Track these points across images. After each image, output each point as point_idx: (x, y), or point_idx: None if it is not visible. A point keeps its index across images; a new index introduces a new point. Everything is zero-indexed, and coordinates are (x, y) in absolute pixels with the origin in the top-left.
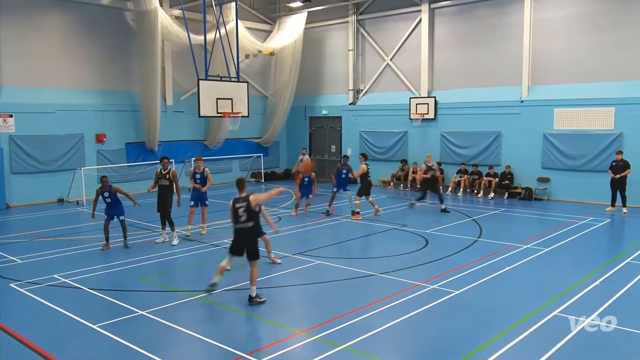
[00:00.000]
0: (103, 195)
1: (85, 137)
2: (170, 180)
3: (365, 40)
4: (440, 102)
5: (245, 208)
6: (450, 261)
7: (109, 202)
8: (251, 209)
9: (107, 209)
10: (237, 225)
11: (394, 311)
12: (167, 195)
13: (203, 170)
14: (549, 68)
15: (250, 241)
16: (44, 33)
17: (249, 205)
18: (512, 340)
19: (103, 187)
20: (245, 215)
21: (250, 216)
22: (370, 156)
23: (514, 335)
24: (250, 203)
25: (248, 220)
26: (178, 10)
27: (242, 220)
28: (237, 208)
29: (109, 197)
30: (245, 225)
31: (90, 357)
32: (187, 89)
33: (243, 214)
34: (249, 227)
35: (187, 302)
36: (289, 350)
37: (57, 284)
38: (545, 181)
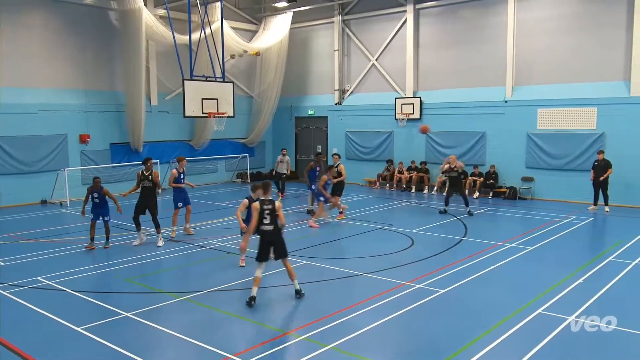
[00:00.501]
0: (93, 195)
1: (69, 138)
2: (154, 181)
3: (350, 41)
4: (425, 102)
5: (269, 211)
6: (435, 260)
7: (97, 202)
8: (275, 212)
9: (94, 209)
10: (261, 227)
11: (380, 310)
12: (150, 196)
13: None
14: (532, 69)
15: (276, 242)
16: (26, 32)
17: (274, 209)
18: (497, 338)
19: (95, 186)
20: (268, 218)
21: (272, 219)
22: (356, 156)
23: (499, 333)
24: (275, 207)
25: (271, 223)
26: (163, 9)
27: (265, 222)
28: (264, 209)
29: (97, 198)
30: (268, 227)
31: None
32: (172, 89)
33: (267, 217)
34: (271, 229)
35: (172, 304)
36: (276, 351)
37: (40, 286)
38: (529, 180)
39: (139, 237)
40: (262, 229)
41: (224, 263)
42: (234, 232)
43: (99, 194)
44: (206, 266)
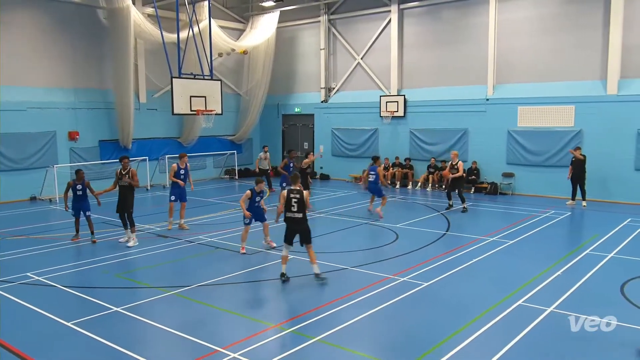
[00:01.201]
0: (75, 187)
1: (58, 135)
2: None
3: (336, 40)
4: (409, 100)
5: (297, 199)
6: (419, 254)
7: (80, 194)
8: (302, 201)
9: (75, 203)
10: (288, 214)
11: (365, 303)
12: (128, 195)
13: (186, 166)
14: (513, 68)
15: (302, 228)
16: (14, 30)
17: (302, 197)
18: (479, 330)
19: (78, 179)
20: (296, 206)
21: (300, 207)
22: (342, 153)
23: (481, 324)
24: (303, 196)
25: (298, 211)
26: (151, 8)
27: (293, 210)
28: (291, 198)
29: (80, 190)
30: (296, 215)
31: (65, 355)
32: (161, 87)
33: (295, 205)
34: (299, 217)
35: (162, 298)
36: (263, 344)
37: (30, 282)
38: (510, 176)
39: (126, 235)
40: (290, 216)
41: (212, 258)
42: (222, 227)
43: (83, 187)
44: (195, 261)
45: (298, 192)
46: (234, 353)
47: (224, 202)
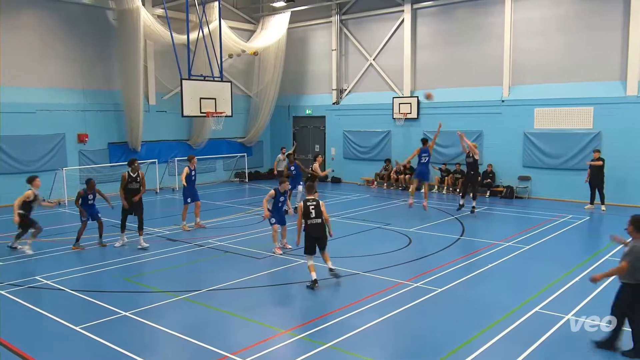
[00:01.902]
0: (87, 197)
1: (67, 137)
2: (141, 183)
3: (348, 40)
4: (422, 102)
5: (314, 206)
6: (433, 259)
7: (91, 203)
8: (320, 208)
9: (89, 210)
10: (308, 222)
11: (377, 309)
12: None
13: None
14: (529, 68)
15: (322, 234)
16: (24, 32)
17: (319, 204)
18: (495, 337)
19: (89, 188)
20: (314, 212)
21: (318, 214)
22: (353, 155)
23: (497, 331)
24: (319, 204)
25: (317, 217)
26: (160, 9)
27: (312, 216)
28: (309, 206)
29: (92, 199)
30: (316, 221)
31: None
32: (170, 89)
33: (313, 211)
34: (319, 222)
35: (171, 303)
36: (273, 350)
37: (38, 285)
38: (526, 180)
39: (121, 239)
40: (310, 223)
41: (222, 262)
42: (232, 231)
43: (93, 195)
44: (204, 265)
45: (315, 201)
46: (243, 359)
47: (234, 205)
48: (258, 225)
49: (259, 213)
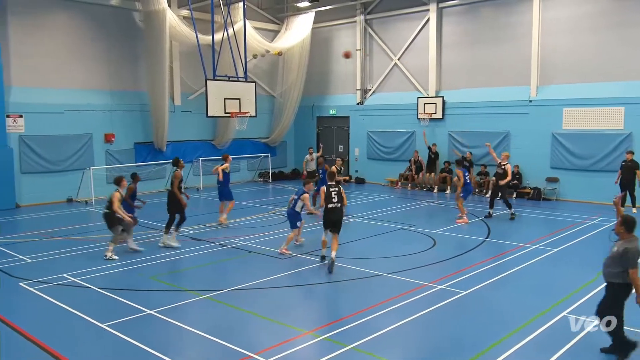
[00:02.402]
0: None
1: (94, 137)
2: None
3: (372, 40)
4: (448, 102)
5: (336, 192)
6: (458, 261)
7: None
8: (341, 194)
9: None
10: (329, 205)
11: (401, 311)
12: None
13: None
14: (558, 67)
15: (340, 217)
16: (52, 34)
17: (340, 190)
18: (521, 341)
19: (136, 181)
20: (336, 197)
21: (339, 199)
22: (377, 156)
23: (523, 335)
24: (341, 189)
25: (337, 201)
26: (186, 10)
27: (334, 201)
28: (331, 191)
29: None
30: (336, 205)
31: (99, 356)
32: (195, 89)
33: (335, 196)
34: (339, 206)
35: (195, 302)
36: (296, 350)
37: (66, 283)
38: (554, 181)
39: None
40: (331, 206)
41: (245, 262)
42: (256, 231)
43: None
44: (228, 265)
45: (336, 187)
46: (266, 359)
47: (257, 205)
48: (281, 225)
49: (282, 213)
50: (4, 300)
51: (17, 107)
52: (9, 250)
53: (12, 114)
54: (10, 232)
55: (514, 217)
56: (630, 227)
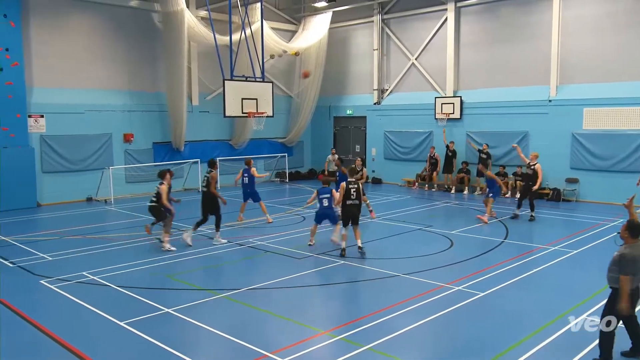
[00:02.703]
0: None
1: (113, 137)
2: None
3: (390, 40)
4: (466, 102)
5: (355, 189)
6: (475, 263)
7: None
8: (360, 192)
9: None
10: (348, 202)
11: (418, 312)
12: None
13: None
14: (578, 67)
15: (357, 213)
16: (73, 35)
17: (359, 188)
18: (540, 343)
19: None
20: (355, 195)
21: (358, 196)
22: (394, 156)
23: (541, 338)
24: (360, 187)
25: (356, 198)
26: (204, 11)
27: (352, 198)
28: (350, 188)
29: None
30: (355, 202)
31: (117, 353)
32: (213, 89)
33: (354, 193)
34: (357, 203)
35: (212, 301)
36: (312, 350)
37: (85, 281)
38: (574, 182)
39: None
40: (350, 203)
41: (262, 261)
42: (272, 230)
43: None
44: (245, 264)
45: (355, 183)
46: (282, 358)
47: (274, 205)
48: (298, 225)
49: (298, 213)
50: (25, 297)
51: (39, 107)
52: (31, 248)
53: (33, 114)
54: (31, 231)
55: (533, 219)
56: (634, 233)
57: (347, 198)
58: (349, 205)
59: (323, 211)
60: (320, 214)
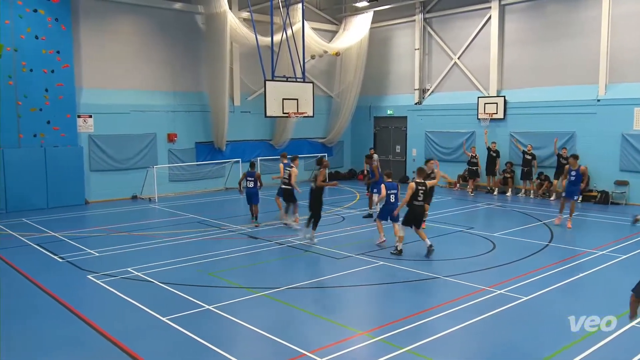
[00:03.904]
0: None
1: (158, 137)
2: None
3: (431, 39)
4: (509, 102)
5: (424, 191)
6: (518, 266)
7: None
8: (427, 192)
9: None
10: (415, 203)
11: (459, 315)
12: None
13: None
14: (628, 65)
15: (421, 215)
16: (119, 37)
17: (426, 188)
18: (584, 351)
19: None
20: (422, 196)
21: (425, 197)
22: (435, 157)
23: (586, 345)
24: (427, 187)
25: (424, 200)
26: (246, 12)
27: (419, 200)
28: (419, 189)
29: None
30: (421, 203)
31: (158, 347)
32: (254, 90)
33: (422, 195)
34: (422, 205)
35: (251, 299)
36: (350, 351)
37: (130, 276)
38: (624, 184)
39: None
40: (416, 204)
41: (302, 260)
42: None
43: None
44: (284, 263)
45: (423, 185)
46: (320, 358)
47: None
48: (337, 225)
49: (338, 213)
50: (73, 292)
51: (87, 107)
52: (79, 244)
53: (82, 114)
54: (79, 227)
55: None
56: None
57: (414, 199)
58: (415, 206)
59: (390, 207)
60: (386, 210)
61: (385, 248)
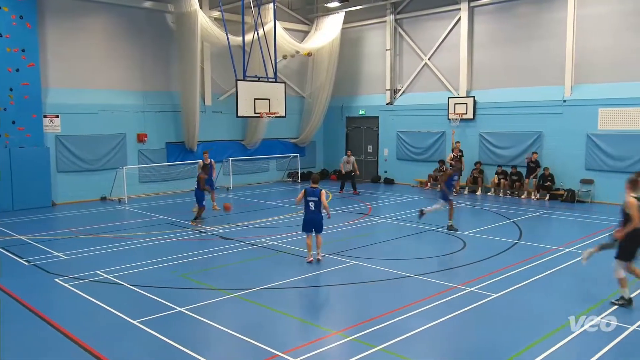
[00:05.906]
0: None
1: (127, 137)
2: None
3: (402, 40)
4: (479, 102)
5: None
6: (488, 264)
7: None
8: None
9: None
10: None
11: (430, 313)
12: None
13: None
14: (593, 66)
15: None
16: (88, 35)
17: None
18: (552, 347)
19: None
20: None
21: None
22: (407, 156)
23: (554, 341)
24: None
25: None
26: (217, 11)
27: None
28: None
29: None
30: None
31: (129, 351)
32: (226, 90)
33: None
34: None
35: (224, 300)
36: (324, 350)
37: (99, 279)
38: (589, 183)
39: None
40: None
41: (274, 261)
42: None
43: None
44: (257, 264)
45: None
46: (294, 358)
47: (286, 205)
48: None
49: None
50: (40, 296)
51: (54, 107)
52: (46, 247)
53: (49, 114)
54: (46, 229)
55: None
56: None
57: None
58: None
59: (309, 217)
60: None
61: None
